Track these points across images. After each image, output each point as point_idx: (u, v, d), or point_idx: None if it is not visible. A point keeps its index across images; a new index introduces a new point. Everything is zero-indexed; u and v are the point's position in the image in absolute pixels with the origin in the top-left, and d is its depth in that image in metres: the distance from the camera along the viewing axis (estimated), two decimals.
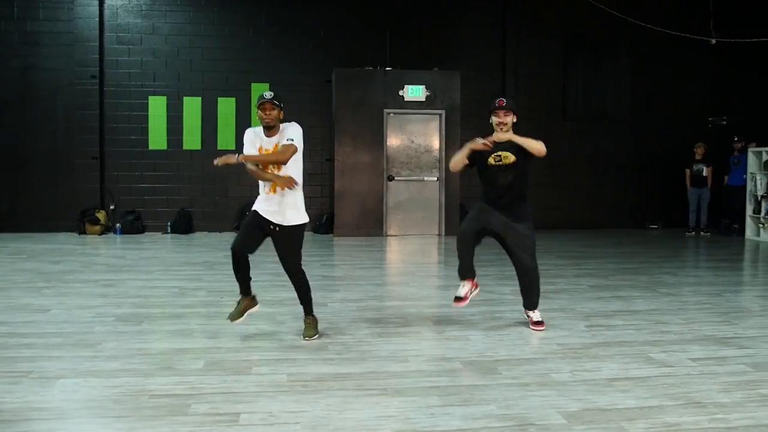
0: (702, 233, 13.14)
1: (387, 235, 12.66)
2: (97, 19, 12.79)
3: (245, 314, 5.46)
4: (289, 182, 5.13)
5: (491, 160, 5.54)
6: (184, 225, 12.92)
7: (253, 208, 5.37)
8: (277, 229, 5.29)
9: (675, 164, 13.70)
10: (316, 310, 5.62)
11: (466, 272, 5.75)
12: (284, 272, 5.52)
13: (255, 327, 5.70)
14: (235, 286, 6.89)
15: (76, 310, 6.32)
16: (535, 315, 5.73)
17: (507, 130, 5.54)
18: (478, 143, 5.50)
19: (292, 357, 4.84)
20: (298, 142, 5.13)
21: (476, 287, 5.84)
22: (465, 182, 13.17)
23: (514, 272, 5.84)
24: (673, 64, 14.14)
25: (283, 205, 5.23)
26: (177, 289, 7.43)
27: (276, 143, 5.17)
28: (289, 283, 5.68)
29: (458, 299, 5.72)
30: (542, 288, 5.84)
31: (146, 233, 12.92)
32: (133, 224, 12.84)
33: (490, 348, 5.12)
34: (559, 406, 3.88)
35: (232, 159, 5.16)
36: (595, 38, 13.99)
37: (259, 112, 5.14)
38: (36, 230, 12.68)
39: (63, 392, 4.07)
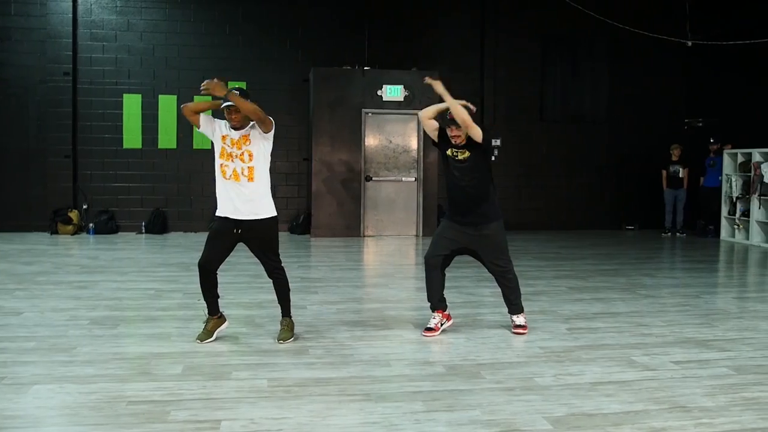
0: (678, 234, 13.25)
1: (364, 236, 12.60)
2: (71, 15, 12.54)
3: (215, 334, 5.29)
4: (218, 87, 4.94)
5: (449, 152, 5.42)
6: (158, 225, 12.73)
7: (217, 214, 5.22)
8: (240, 231, 5.17)
9: (651, 165, 13.79)
10: (294, 313, 5.55)
11: (436, 303, 5.60)
12: (263, 274, 5.43)
13: (233, 330, 5.59)
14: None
15: (49, 312, 6.17)
16: (519, 319, 5.68)
17: (461, 143, 5.35)
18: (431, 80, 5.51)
19: (273, 361, 4.76)
20: (273, 125, 5.15)
21: (448, 319, 5.68)
22: (443, 183, 13.12)
23: (488, 275, 5.77)
24: (650, 65, 14.23)
25: (252, 197, 5.13)
26: (153, 291, 7.30)
27: (245, 134, 5.12)
28: (268, 285, 5.59)
29: (428, 330, 5.55)
30: (522, 290, 5.80)
31: (120, 233, 12.72)
32: (107, 224, 12.62)
33: (472, 352, 5.08)
34: (544, 411, 3.84)
35: (220, 91, 4.95)
36: (573, 40, 14.04)
37: (227, 116, 5.07)
38: (7, 230, 12.41)
39: (38, 399, 3.96)
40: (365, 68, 12.60)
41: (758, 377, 4.54)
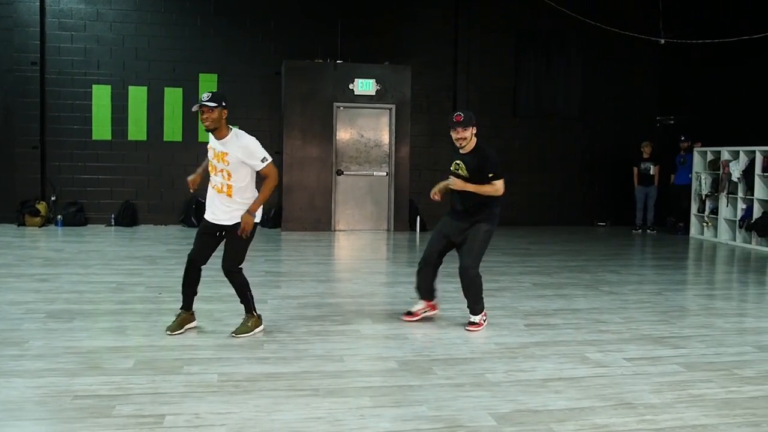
0: (648, 231, 13.35)
1: (336, 230, 12.57)
2: (38, 4, 12.34)
3: (184, 327, 5.32)
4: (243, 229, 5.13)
5: (452, 167, 5.68)
6: (128, 218, 12.62)
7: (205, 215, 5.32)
8: (223, 233, 5.22)
9: (623, 162, 13.88)
10: (258, 307, 5.52)
11: (425, 293, 5.84)
12: (219, 269, 5.41)
13: (192, 324, 5.56)
14: (172, 281, 6.81)
15: (5, 306, 6.10)
16: (473, 317, 5.71)
17: (466, 145, 5.60)
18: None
19: (226, 356, 4.74)
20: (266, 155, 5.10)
21: (433, 309, 5.89)
22: (414, 177, 13.16)
23: (455, 269, 5.79)
24: (623, 62, 14.30)
25: (231, 204, 5.13)
26: (115, 284, 7.23)
27: (225, 151, 5.02)
28: (225, 281, 5.54)
29: (408, 314, 5.81)
30: (485, 285, 5.80)
31: (89, 225, 12.58)
32: (75, 216, 12.48)
33: (427, 347, 5.09)
34: (490, 408, 3.86)
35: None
36: (547, 35, 14.06)
37: (201, 116, 5.01)
38: None
39: None
40: (337, 62, 12.56)
41: (707, 374, 4.59)
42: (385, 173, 12.70)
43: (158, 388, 4.05)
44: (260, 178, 5.15)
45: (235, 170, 5.03)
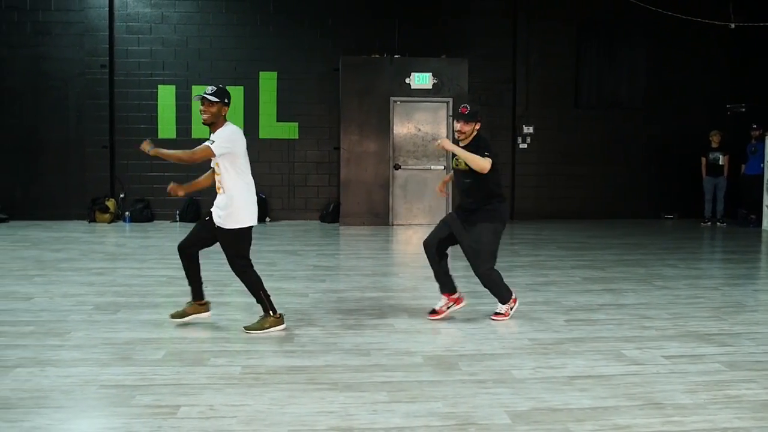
0: (718, 224, 12.81)
1: (393, 225, 12.57)
2: (107, 9, 12.83)
3: (189, 318, 5.37)
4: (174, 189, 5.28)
5: (453, 161, 5.59)
6: (191, 214, 12.96)
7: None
8: (216, 228, 5.24)
9: (691, 153, 13.35)
10: (294, 300, 5.58)
11: (442, 287, 5.74)
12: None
13: (227, 318, 5.68)
14: (220, 275, 6.97)
15: (58, 298, 6.35)
16: (499, 307, 5.66)
17: (464, 139, 5.46)
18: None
19: (255, 349, 4.79)
20: (219, 146, 5.00)
21: (458, 302, 5.76)
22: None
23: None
24: (690, 49, 13.74)
25: (221, 206, 5.16)
26: (165, 278, 7.43)
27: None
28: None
29: (433, 312, 5.72)
30: (533, 280, 5.75)
31: (155, 221, 13.00)
32: (142, 212, 12.92)
33: (457, 342, 5.02)
34: (508, 405, 3.77)
35: (146, 147, 5.11)
36: (609, 24, 13.64)
37: (200, 107, 5.12)
38: (48, 218, 12.82)
39: (15, 381, 4.07)
40: (394, 56, 12.54)
41: (750, 374, 4.35)
42: (442, 167, 12.62)
43: (181, 379, 4.13)
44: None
45: (221, 162, 5.10)
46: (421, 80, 12.33)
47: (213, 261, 8.43)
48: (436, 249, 5.59)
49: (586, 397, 3.91)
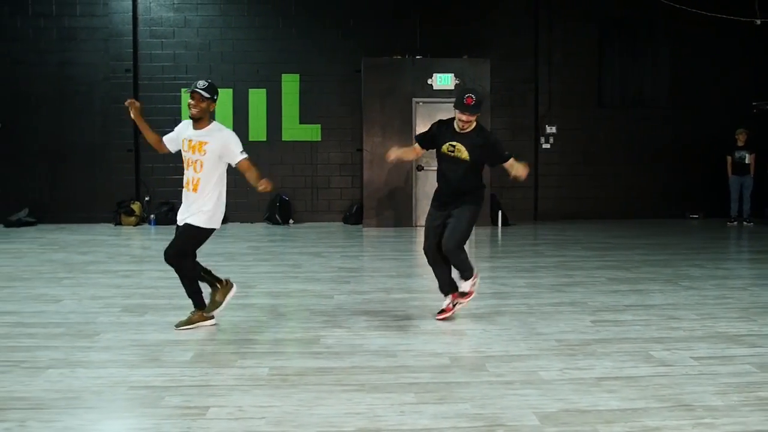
0: (745, 223, 12.66)
1: (417, 226, 12.55)
2: (131, 14, 12.98)
3: (195, 324, 5.35)
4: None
5: (444, 148, 5.40)
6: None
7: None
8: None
9: (716, 151, 13.21)
10: (323, 303, 5.58)
11: (445, 288, 5.69)
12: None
13: (254, 319, 5.72)
14: (245, 277, 7.02)
15: (87, 300, 6.43)
16: (463, 285, 5.61)
17: (468, 128, 5.34)
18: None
19: (282, 350, 4.82)
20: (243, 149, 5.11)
21: (462, 297, 5.68)
22: (496, 171, 12.96)
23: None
24: (715, 46, 13.60)
25: (200, 204, 5.15)
26: None
27: (204, 140, 5.05)
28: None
29: (441, 312, 5.65)
30: (558, 280, 5.71)
31: None
32: (167, 215, 13.01)
33: (484, 343, 5.00)
34: (536, 407, 3.75)
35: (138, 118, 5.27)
36: (632, 22, 13.55)
37: (189, 100, 5.04)
38: (74, 221, 13.00)
39: (47, 382, 4.12)
40: (416, 57, 12.54)
41: None
42: None
43: (209, 380, 4.16)
44: (237, 172, 5.21)
45: (208, 162, 5.03)
46: (444, 81, 12.33)
47: (238, 263, 8.56)
48: (437, 251, 5.54)
49: (614, 399, 3.88)
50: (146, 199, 13.25)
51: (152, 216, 13.01)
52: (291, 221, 13.14)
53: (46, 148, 13.11)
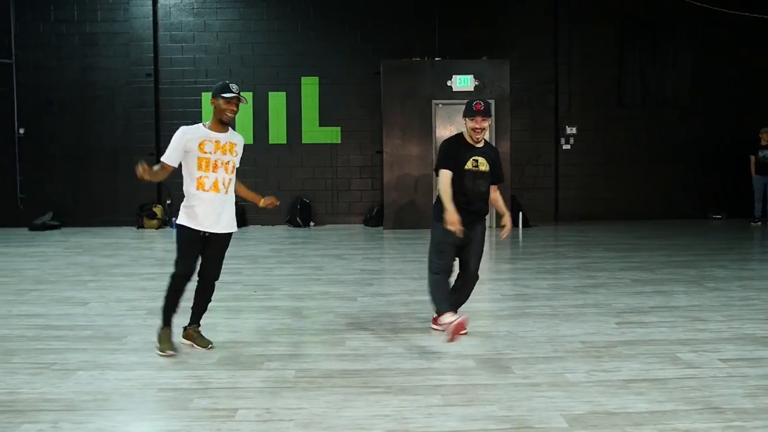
0: None
1: None
2: (152, 19, 13.09)
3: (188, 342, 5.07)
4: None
5: (469, 165, 5.10)
6: (237, 218, 13.05)
7: (190, 225, 4.95)
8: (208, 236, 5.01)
9: (739, 151, 13.09)
10: (346, 305, 5.59)
11: (453, 306, 5.16)
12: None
13: (279, 322, 5.74)
14: (268, 280, 7.06)
15: (113, 303, 6.49)
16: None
17: (482, 135, 5.13)
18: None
19: (307, 352, 4.84)
20: None
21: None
22: (517, 172, 12.96)
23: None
24: (737, 45, 13.48)
25: (228, 209, 5.11)
26: None
27: (233, 141, 4.94)
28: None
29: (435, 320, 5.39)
30: (581, 282, 5.70)
31: None
32: None
33: (510, 345, 4.99)
34: (564, 409, 3.74)
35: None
36: (652, 20, 13.45)
37: (226, 105, 4.78)
38: (97, 225, 13.13)
39: (77, 384, 4.17)
40: (435, 59, 12.54)
41: None
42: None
43: (237, 383, 4.19)
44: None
45: (237, 163, 5.03)
46: (463, 82, 12.32)
47: (260, 266, 8.61)
48: (448, 276, 5.25)
49: (643, 401, 3.86)
50: (168, 202, 13.35)
51: (174, 219, 13.05)
52: (311, 223, 13.19)
53: (68, 152, 13.26)
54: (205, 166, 4.86)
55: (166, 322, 4.94)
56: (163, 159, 4.91)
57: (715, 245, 10.20)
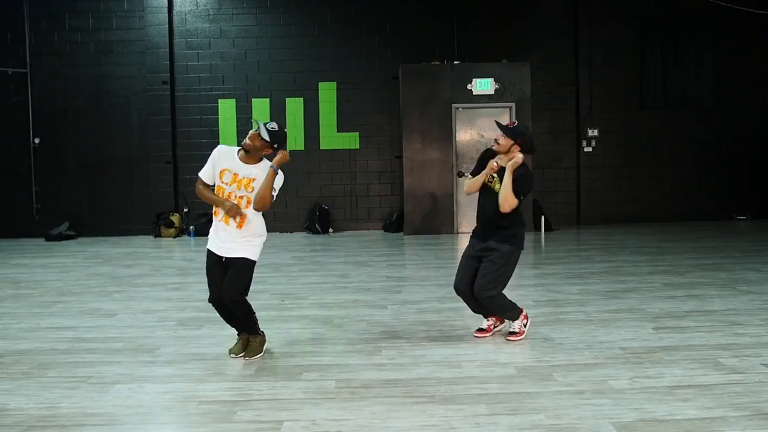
0: None
1: (458, 233, 12.49)
2: (167, 26, 13.09)
3: (264, 351, 5.04)
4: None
5: (487, 178, 5.18)
6: None
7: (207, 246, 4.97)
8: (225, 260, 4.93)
9: (764, 151, 12.96)
10: (373, 312, 5.55)
11: (483, 311, 5.42)
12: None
13: (311, 331, 5.70)
14: (294, 288, 7.03)
15: (141, 314, 6.46)
16: (513, 326, 5.33)
17: (502, 151, 5.10)
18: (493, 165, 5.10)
19: (344, 362, 4.79)
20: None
21: (501, 322, 5.47)
22: (538, 176, 12.86)
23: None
24: (761, 43, 13.34)
25: (246, 236, 4.85)
26: None
27: (253, 177, 4.73)
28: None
29: (480, 330, 5.44)
30: (611, 287, 5.63)
31: None
32: (207, 226, 12.95)
33: (548, 352, 4.93)
34: (612, 416, 3.68)
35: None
36: (673, 20, 13.34)
37: (249, 140, 4.71)
38: (114, 234, 13.13)
39: (117, 398, 4.14)
40: (454, 62, 12.49)
41: None
42: None
43: (277, 394, 4.15)
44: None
45: (253, 199, 4.73)
46: (483, 86, 12.25)
47: (284, 274, 8.57)
48: (470, 291, 5.22)
49: (690, 408, 3.80)
50: (185, 210, 13.34)
51: (191, 227, 13.09)
52: (330, 230, 13.15)
53: (84, 161, 13.27)
54: (223, 195, 4.78)
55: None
56: (200, 174, 4.89)
57: (743, 247, 10.07)
